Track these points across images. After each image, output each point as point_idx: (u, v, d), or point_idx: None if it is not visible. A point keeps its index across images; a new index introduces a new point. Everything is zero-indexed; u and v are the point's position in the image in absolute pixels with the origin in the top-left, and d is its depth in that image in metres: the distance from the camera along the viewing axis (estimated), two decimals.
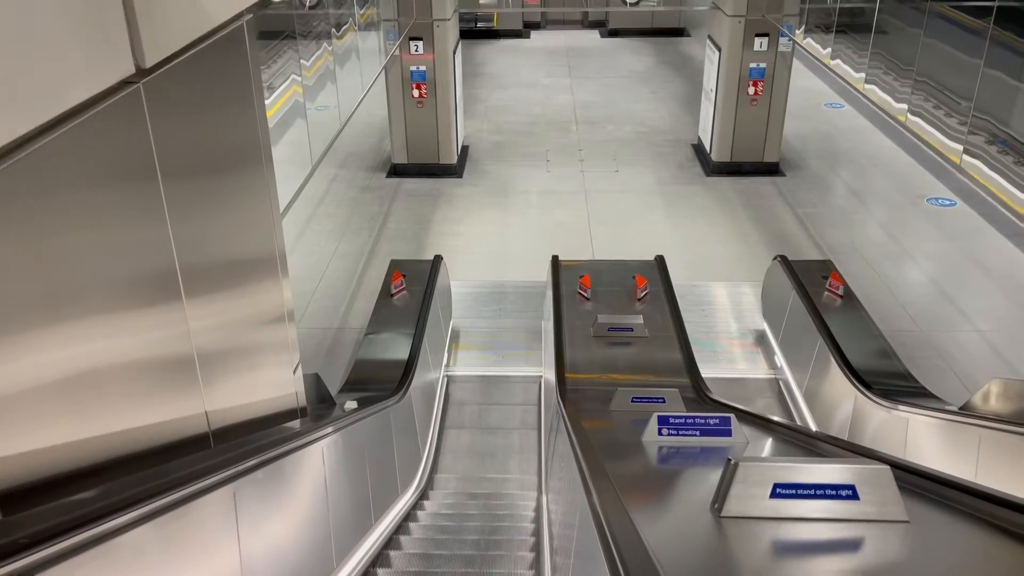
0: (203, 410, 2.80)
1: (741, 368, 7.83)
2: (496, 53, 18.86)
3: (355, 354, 6.52)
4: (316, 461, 3.57)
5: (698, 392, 5.64)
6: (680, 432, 3.46)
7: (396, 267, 7.73)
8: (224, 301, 2.79)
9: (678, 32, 20.35)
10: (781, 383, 7.46)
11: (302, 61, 6.71)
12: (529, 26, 20.90)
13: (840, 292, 7.09)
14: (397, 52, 11.48)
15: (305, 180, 6.25)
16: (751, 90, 11.56)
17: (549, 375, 6.74)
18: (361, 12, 9.01)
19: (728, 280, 9.15)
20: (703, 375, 5.96)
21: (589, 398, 5.72)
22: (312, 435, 3.56)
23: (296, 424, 3.68)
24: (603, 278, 7.51)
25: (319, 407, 5.04)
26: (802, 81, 14.75)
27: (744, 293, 8.91)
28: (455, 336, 8.26)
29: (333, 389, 5.93)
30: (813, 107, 14.59)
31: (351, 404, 5.14)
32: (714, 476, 2.12)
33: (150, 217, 2.14)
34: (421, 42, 11.43)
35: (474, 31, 20.30)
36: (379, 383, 6.09)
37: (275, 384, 3.53)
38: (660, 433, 3.47)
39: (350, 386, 6.00)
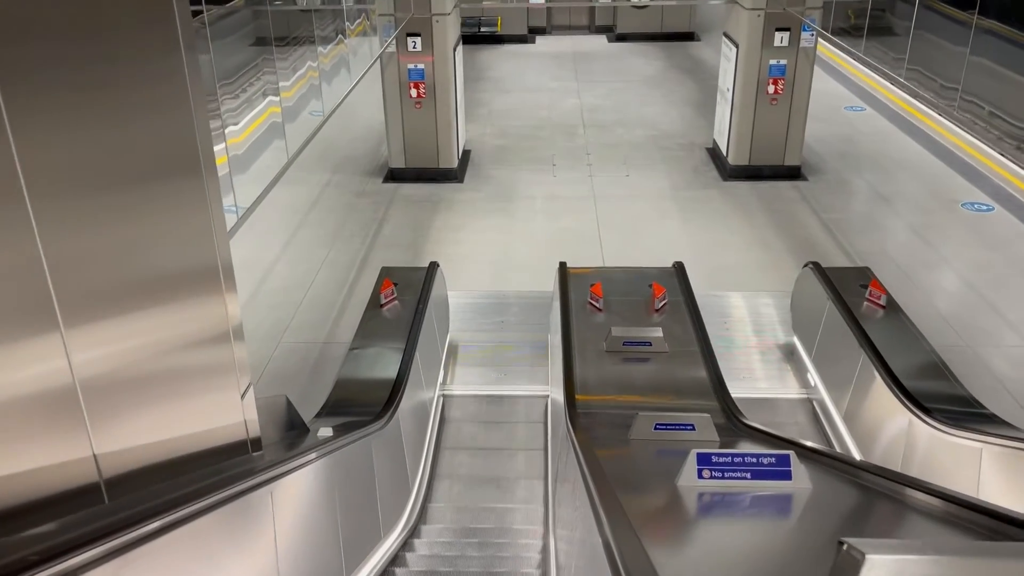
0: (90, 453, 2.18)
1: (768, 387, 7.06)
2: (500, 58, 18.21)
3: (339, 372, 5.79)
4: (261, 510, 2.82)
5: (730, 417, 4.88)
6: (726, 475, 2.71)
7: (387, 275, 7.00)
8: (131, 324, 2.38)
9: (688, 36, 19.68)
10: (815, 404, 6.70)
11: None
12: (534, 31, 20.26)
13: (882, 302, 6.33)
14: (394, 49, 10.80)
15: (275, 179, 5.51)
16: (771, 89, 10.84)
17: (557, 394, 6.01)
18: (353, 27, 8.32)
19: (750, 290, 8.40)
20: None
21: (603, 423, 4.97)
22: (258, 476, 2.82)
23: (243, 460, 2.94)
24: (616, 287, 6.76)
25: (289, 435, 4.31)
26: (818, 84, 14.03)
27: (768, 304, 8.16)
28: (453, 351, 7.52)
29: (312, 411, 5.21)
30: (832, 109, 13.87)
31: (325, 431, 4.40)
32: (774, 539, 1.38)
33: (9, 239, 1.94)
34: (419, 38, 10.75)
35: (478, 36, 19.68)
36: (363, 405, 5.36)
37: (213, 413, 2.82)
38: (701, 476, 2.72)
39: (330, 409, 5.26)
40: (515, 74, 16.88)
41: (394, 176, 11.49)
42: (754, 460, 2.73)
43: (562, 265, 7.06)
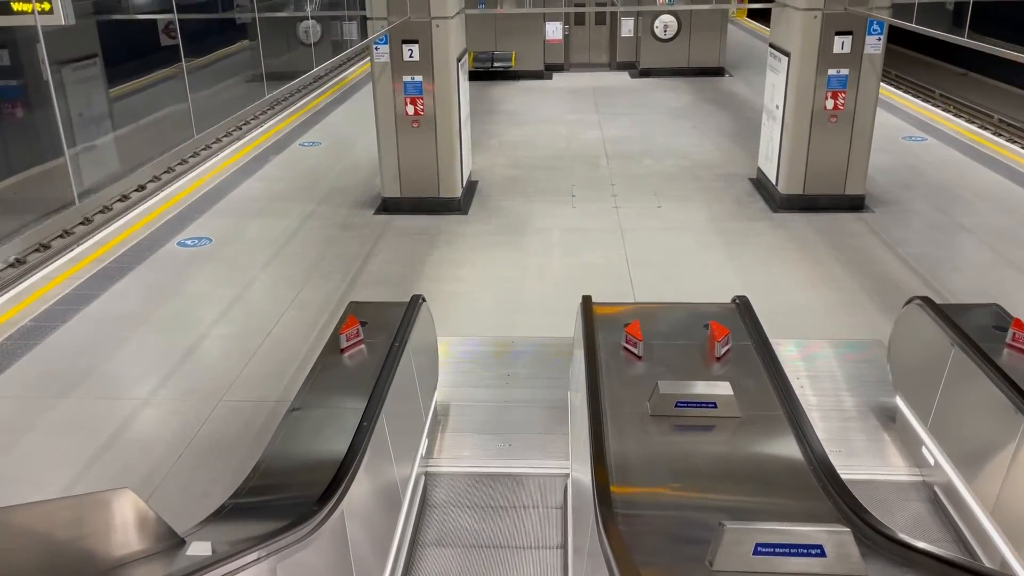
0: None
1: (865, 464, 5.24)
2: (514, 93, 16.79)
3: (268, 445, 4.06)
4: None
5: (856, 522, 3.09)
6: None
7: (353, 311, 5.30)
8: None
9: (717, 72, 18.21)
10: (937, 489, 4.86)
11: None
12: (551, 68, 18.88)
13: None
14: (387, 59, 9.29)
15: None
16: (829, 104, 9.20)
17: (581, 473, 4.28)
18: None
19: (823, 336, 6.63)
20: None
21: (657, 530, 3.20)
22: None
23: None
24: (659, 327, 5.03)
25: (141, 552, 2.59)
26: None
27: (851, 353, 6.38)
28: (442, 413, 5.76)
29: (219, 497, 3.49)
30: (889, 139, 12.20)
31: (200, 548, 2.67)
32: None
33: None
34: (416, 46, 9.24)
35: (490, 72, 18.32)
36: (295, 491, 3.63)
37: None
38: None
39: (241, 501, 3.51)
40: (530, 107, 15.42)
41: (387, 207, 9.88)
42: None
43: (586, 300, 5.33)
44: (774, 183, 9.82)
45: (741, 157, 11.73)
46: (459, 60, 9.61)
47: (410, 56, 9.26)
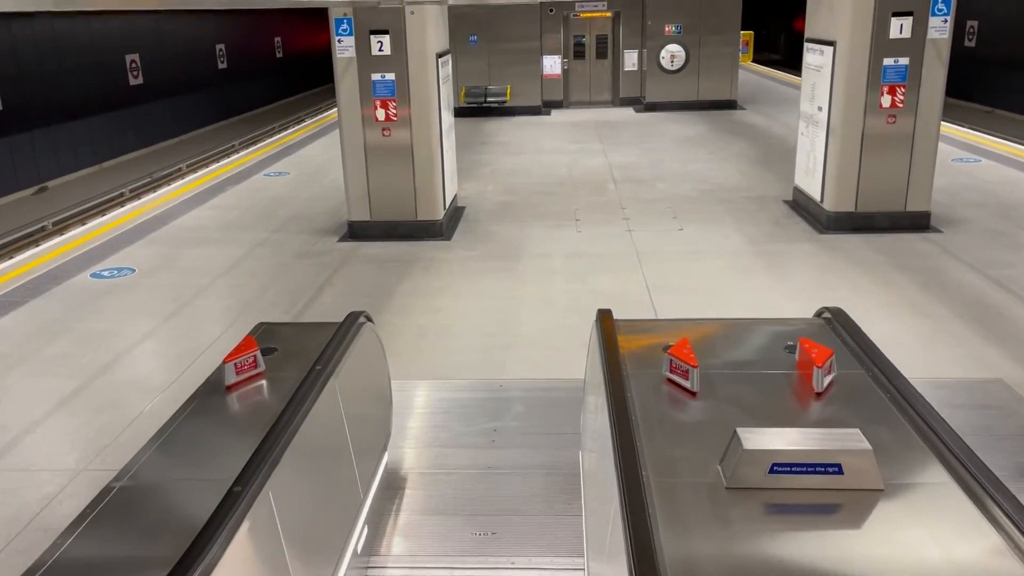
0: None
1: None
2: (509, 127, 15.33)
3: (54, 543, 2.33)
4: None
5: None
6: None
7: (259, 334, 3.58)
8: None
9: (729, 105, 16.78)
10: None
11: None
12: (549, 105, 17.48)
13: None
14: (352, 54, 7.74)
15: None
16: (886, 100, 7.61)
17: None
18: None
19: (926, 375, 4.87)
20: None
21: None
22: None
23: None
24: (716, 350, 3.31)
25: None
26: None
27: (965, 395, 4.63)
28: (396, 485, 3.98)
29: None
30: (938, 161, 10.58)
31: None
32: None
33: None
34: (387, 37, 7.70)
35: (484, 107, 16.92)
36: None
37: None
38: None
39: None
40: (526, 139, 13.91)
41: (354, 233, 8.22)
42: None
43: (604, 316, 3.60)
44: (818, 200, 8.17)
45: (770, 180, 10.13)
46: (439, 57, 8.06)
47: (379, 50, 7.71)
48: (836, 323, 3.51)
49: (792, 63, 25.99)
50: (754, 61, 25.18)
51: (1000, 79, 19.26)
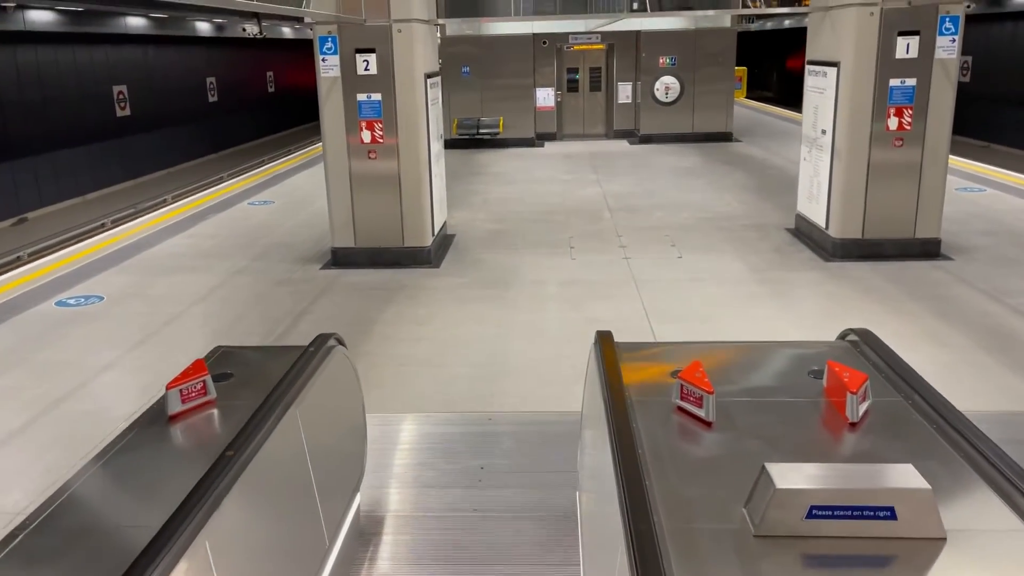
0: None
1: None
2: (502, 158, 15.04)
3: None
4: None
5: None
6: None
7: (215, 358, 3.18)
8: None
9: (725, 137, 16.56)
10: None
11: None
12: (542, 137, 17.24)
13: None
14: (336, 72, 7.42)
15: None
16: (893, 123, 7.31)
17: None
18: None
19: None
20: None
21: None
22: None
23: None
24: (731, 375, 2.92)
25: None
26: None
27: (1000, 430, 4.21)
28: (371, 531, 3.54)
29: None
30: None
31: None
32: None
33: None
34: (373, 56, 7.39)
35: (476, 139, 16.67)
36: None
37: None
38: None
39: None
40: (519, 169, 13.61)
41: (338, 260, 7.84)
42: None
43: (604, 339, 3.20)
44: (823, 227, 7.83)
45: (770, 209, 9.81)
46: (428, 77, 7.75)
47: (366, 69, 7.40)
48: (865, 345, 3.12)
49: (785, 101, 25.98)
50: (747, 99, 25.17)
51: (995, 115, 19.16)
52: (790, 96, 26.85)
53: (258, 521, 2.44)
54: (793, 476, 2.00)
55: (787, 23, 26.45)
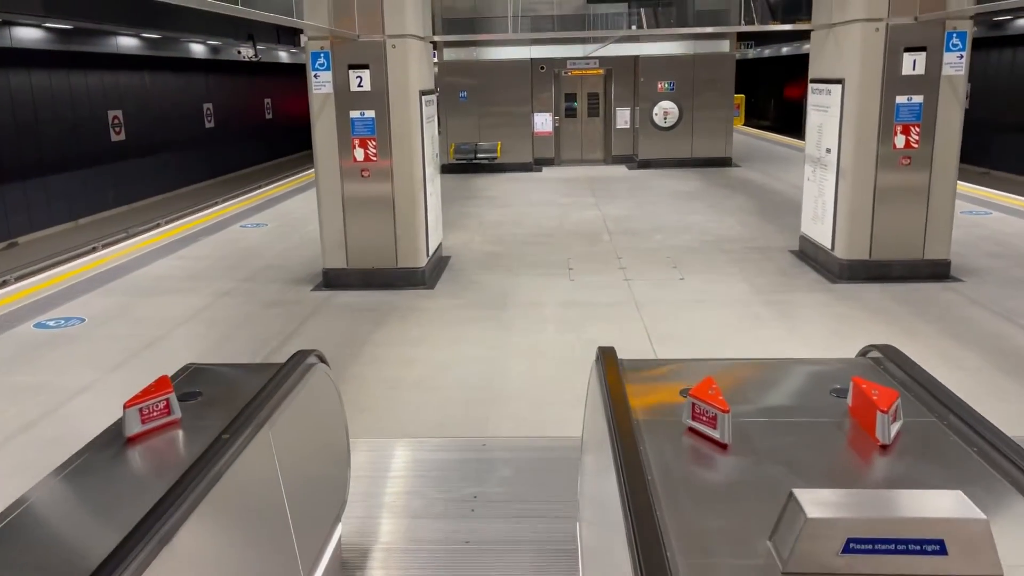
0: None
1: None
2: (499, 182, 14.88)
3: None
4: None
5: None
6: None
7: (183, 376, 2.93)
8: None
9: (724, 162, 16.42)
10: None
11: None
12: (540, 162, 17.09)
13: None
14: (329, 89, 7.24)
15: None
16: (900, 141, 7.12)
17: None
18: None
19: None
20: None
21: None
22: None
23: None
24: (745, 394, 2.67)
25: None
26: None
27: None
28: (355, 564, 3.26)
29: None
30: None
31: None
32: None
33: None
34: (367, 72, 7.21)
35: (473, 164, 16.52)
36: None
37: None
38: None
39: None
40: (516, 192, 13.44)
41: (330, 282, 7.60)
42: None
43: (607, 355, 2.96)
44: (829, 248, 7.61)
45: (772, 232, 9.61)
46: (423, 95, 7.57)
47: (359, 85, 7.21)
48: (889, 362, 2.88)
49: (782, 129, 25.93)
50: (745, 126, 25.12)
51: (994, 141, 19.07)
52: (787, 125, 26.84)
53: (220, 554, 2.18)
54: (826, 504, 1.74)
55: (785, 50, 26.49)
